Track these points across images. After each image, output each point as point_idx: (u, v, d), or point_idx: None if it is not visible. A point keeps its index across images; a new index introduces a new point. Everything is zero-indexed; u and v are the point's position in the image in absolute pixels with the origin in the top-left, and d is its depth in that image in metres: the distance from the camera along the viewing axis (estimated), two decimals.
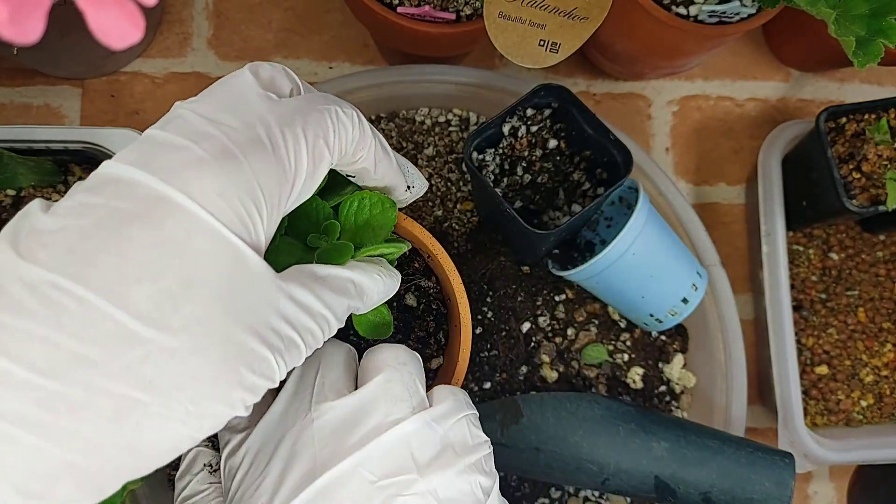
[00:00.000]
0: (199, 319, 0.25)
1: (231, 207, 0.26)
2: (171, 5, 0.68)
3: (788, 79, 0.73)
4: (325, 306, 0.30)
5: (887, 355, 0.67)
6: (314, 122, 0.30)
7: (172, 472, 0.57)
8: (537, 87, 0.52)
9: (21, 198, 0.55)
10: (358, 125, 0.32)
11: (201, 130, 0.27)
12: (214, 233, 0.26)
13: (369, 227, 0.36)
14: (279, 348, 0.28)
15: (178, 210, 0.26)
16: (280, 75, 0.33)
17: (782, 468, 0.51)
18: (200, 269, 0.26)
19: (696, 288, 0.57)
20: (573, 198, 0.57)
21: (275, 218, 0.28)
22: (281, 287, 0.28)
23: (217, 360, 0.26)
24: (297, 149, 0.29)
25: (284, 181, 0.28)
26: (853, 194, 0.59)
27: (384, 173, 0.36)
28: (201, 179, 0.26)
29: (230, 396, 0.27)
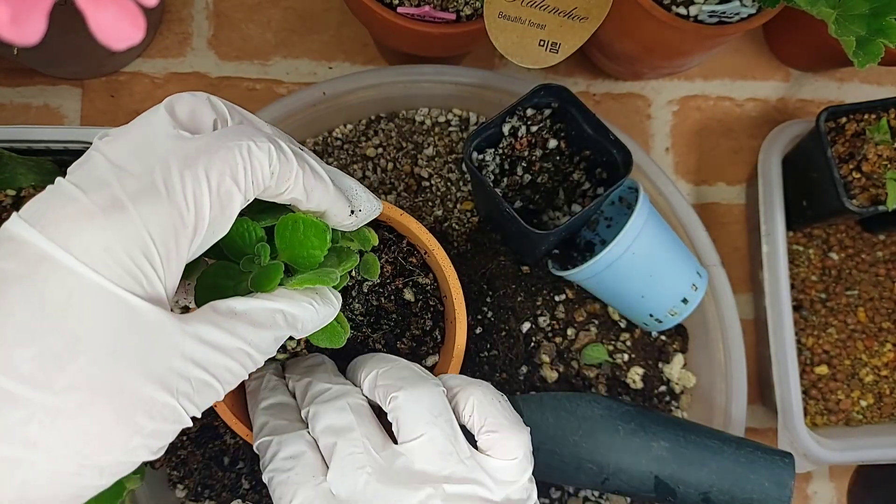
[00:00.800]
0: (87, 376, 0.26)
1: (117, 262, 0.26)
2: (170, 5, 0.68)
3: (788, 79, 0.73)
4: (243, 342, 0.30)
5: (887, 355, 0.67)
6: (220, 160, 0.29)
7: (172, 472, 0.57)
8: (537, 87, 0.52)
9: (21, 198, 0.55)
10: (276, 158, 0.31)
11: (100, 178, 0.28)
12: (100, 289, 0.26)
13: (304, 250, 0.35)
14: (185, 392, 0.28)
15: (61, 269, 0.26)
16: (202, 107, 0.32)
17: (782, 468, 0.51)
18: (87, 328, 0.26)
19: (696, 288, 0.57)
20: (573, 198, 0.57)
21: (175, 265, 0.28)
22: (185, 330, 0.28)
23: (108, 413, 0.26)
24: (198, 192, 0.28)
25: (182, 227, 0.28)
26: (853, 194, 0.59)
27: (319, 201, 0.35)
28: (86, 235, 0.26)
29: (127, 445, 0.27)
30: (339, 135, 0.64)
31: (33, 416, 0.25)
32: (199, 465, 0.57)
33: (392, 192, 0.62)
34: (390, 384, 0.39)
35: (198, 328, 0.29)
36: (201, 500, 0.57)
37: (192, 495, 0.57)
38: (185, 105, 0.32)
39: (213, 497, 0.57)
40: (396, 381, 0.39)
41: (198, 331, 0.29)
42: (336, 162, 0.63)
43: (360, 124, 0.64)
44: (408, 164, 0.63)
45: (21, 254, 0.26)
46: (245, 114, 0.35)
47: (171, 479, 0.57)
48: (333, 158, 0.63)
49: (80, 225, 0.26)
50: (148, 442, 0.28)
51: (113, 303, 0.26)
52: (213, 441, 0.57)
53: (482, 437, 0.39)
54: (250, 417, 0.42)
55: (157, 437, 0.28)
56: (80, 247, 0.26)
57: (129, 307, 0.27)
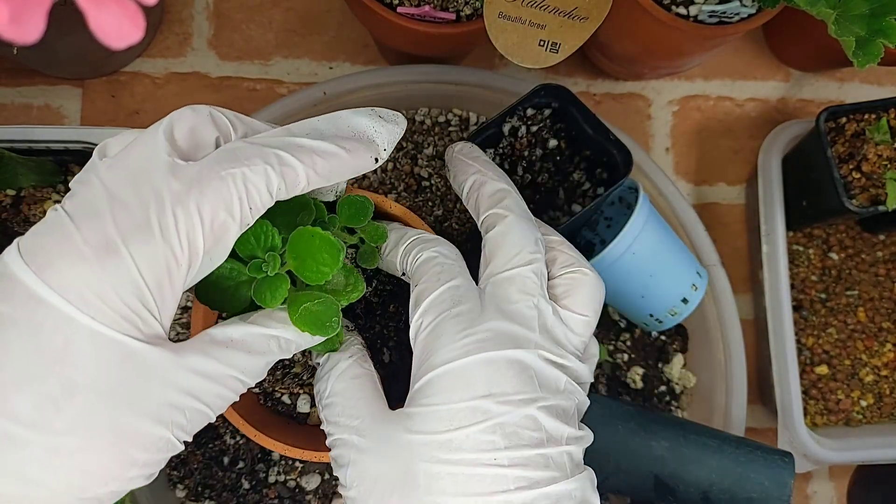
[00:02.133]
0: (84, 418, 0.27)
1: (112, 307, 0.27)
2: (171, 5, 0.68)
3: (788, 79, 0.73)
4: (235, 369, 0.31)
5: (887, 355, 0.67)
6: (213, 193, 0.29)
7: (172, 472, 0.57)
8: (537, 87, 0.52)
9: (21, 198, 0.55)
10: (276, 175, 0.31)
11: (96, 209, 0.28)
12: (96, 334, 0.27)
13: (315, 265, 0.34)
14: (179, 423, 0.29)
15: (57, 314, 0.26)
16: (203, 124, 0.31)
17: (782, 467, 0.51)
18: (83, 372, 0.26)
19: (696, 288, 0.57)
20: (573, 198, 0.57)
21: (170, 300, 0.29)
22: (179, 364, 0.29)
23: (105, 451, 0.27)
24: (191, 229, 0.28)
25: (175, 265, 0.28)
26: (853, 194, 0.59)
27: (341, 174, 0.34)
28: (80, 280, 0.27)
29: (124, 476, 0.28)
30: None
31: (32, 457, 0.26)
32: (199, 465, 0.57)
33: (392, 192, 0.62)
34: (574, 259, 0.40)
35: (192, 360, 0.29)
36: (201, 500, 0.57)
37: (192, 495, 0.57)
38: (185, 123, 0.31)
39: (213, 497, 0.57)
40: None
41: (192, 362, 0.29)
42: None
43: None
44: (408, 164, 0.63)
45: (17, 296, 0.27)
46: (250, 122, 0.34)
47: (171, 479, 0.58)
48: None
49: (75, 269, 0.27)
50: (143, 471, 0.29)
51: (109, 346, 0.27)
52: (213, 441, 0.57)
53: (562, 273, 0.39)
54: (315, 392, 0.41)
55: (151, 467, 0.30)
56: (75, 292, 0.26)
57: (125, 349, 0.27)
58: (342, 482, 0.35)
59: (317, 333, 0.34)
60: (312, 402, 0.49)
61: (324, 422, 0.37)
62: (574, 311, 0.37)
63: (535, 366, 0.34)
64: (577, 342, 0.37)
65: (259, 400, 0.48)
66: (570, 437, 0.34)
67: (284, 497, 0.57)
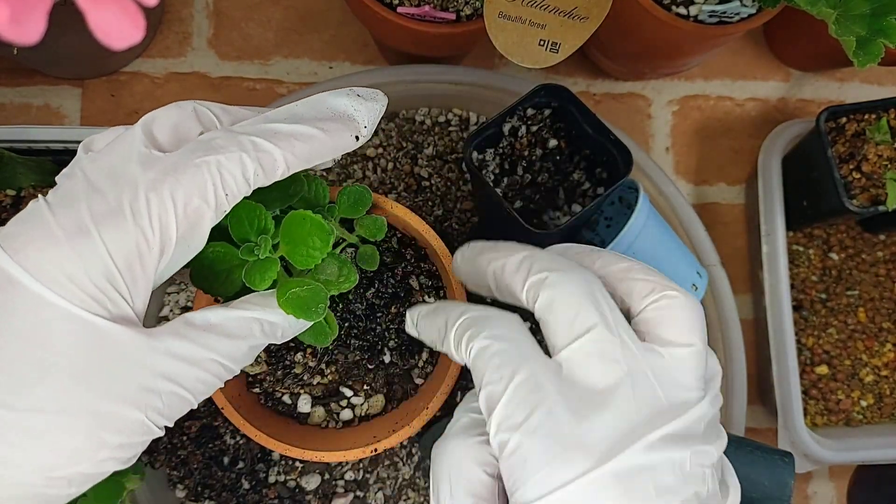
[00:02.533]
0: (54, 398, 0.27)
1: (82, 288, 0.27)
2: (170, 4, 0.68)
3: (788, 79, 0.73)
4: (216, 353, 0.31)
5: (887, 355, 0.67)
6: (187, 180, 0.29)
7: (172, 472, 0.57)
8: (537, 86, 0.52)
9: (21, 197, 0.55)
10: (252, 162, 0.31)
11: (74, 198, 0.29)
12: (66, 314, 0.27)
13: (304, 249, 0.35)
14: (154, 406, 0.29)
15: (28, 295, 0.27)
16: (186, 120, 0.32)
17: (782, 468, 0.51)
18: (53, 351, 0.27)
19: (696, 288, 0.57)
20: (573, 198, 0.57)
21: (142, 285, 0.29)
22: (153, 347, 0.29)
23: (75, 431, 0.27)
24: (163, 213, 0.29)
25: (147, 249, 0.29)
26: (853, 194, 0.59)
27: (322, 155, 0.34)
28: (52, 261, 0.27)
29: (95, 458, 0.28)
30: None
31: (1, 435, 0.26)
32: (199, 465, 0.57)
33: (392, 192, 0.62)
34: (661, 282, 0.33)
35: (167, 342, 0.29)
36: (201, 500, 0.57)
37: (192, 495, 0.57)
38: (165, 121, 0.32)
39: (213, 497, 0.57)
40: (665, 280, 0.34)
41: (167, 345, 0.29)
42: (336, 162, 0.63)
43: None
44: (408, 164, 0.63)
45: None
46: (236, 112, 0.34)
47: (171, 479, 0.57)
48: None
49: (47, 252, 0.27)
50: (116, 454, 0.29)
51: (79, 326, 0.27)
52: (213, 441, 0.57)
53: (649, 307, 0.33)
54: (438, 323, 0.37)
55: (126, 450, 0.29)
56: (46, 273, 0.27)
57: (95, 329, 0.28)
58: None
59: (301, 317, 0.34)
60: (313, 402, 0.49)
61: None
62: (675, 342, 0.32)
63: (655, 462, 0.29)
64: (693, 383, 0.32)
65: (259, 400, 0.48)
66: None
67: (284, 497, 0.57)
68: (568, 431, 0.29)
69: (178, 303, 0.61)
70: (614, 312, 0.32)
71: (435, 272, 0.49)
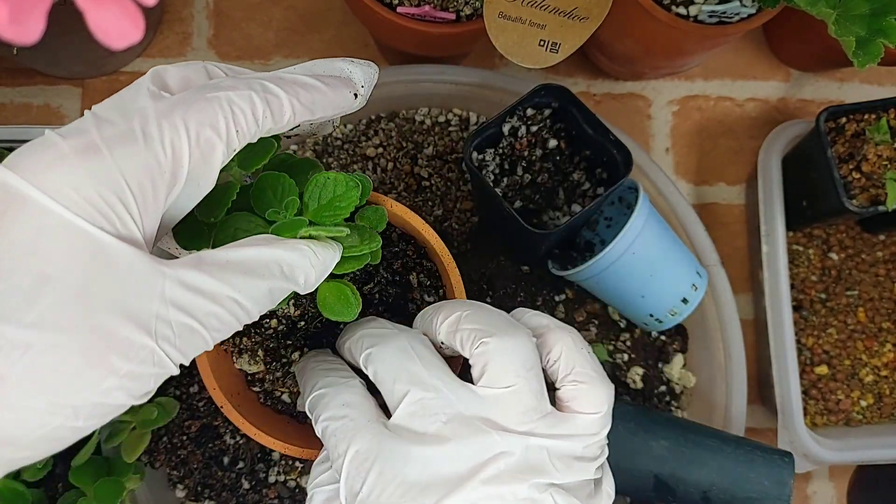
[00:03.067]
0: (57, 313, 0.25)
1: (88, 200, 0.26)
2: (171, 4, 0.68)
3: (788, 79, 0.73)
4: (233, 289, 0.29)
5: (887, 355, 0.67)
6: (198, 110, 0.29)
7: (172, 472, 0.57)
8: (537, 87, 0.52)
9: None
10: (261, 101, 0.31)
11: (81, 128, 0.28)
12: (69, 225, 0.26)
13: (331, 208, 0.36)
14: (165, 335, 0.28)
15: (31, 206, 0.26)
16: (197, 75, 0.33)
17: (781, 467, 0.51)
18: (55, 264, 0.26)
19: (695, 288, 0.57)
20: (573, 198, 0.57)
21: (152, 209, 0.28)
22: (164, 273, 0.28)
23: (79, 351, 0.26)
24: (176, 138, 0.28)
25: (158, 172, 0.28)
26: (853, 194, 0.59)
27: (325, 108, 0.35)
28: (58, 174, 0.26)
29: (101, 385, 0.27)
30: (339, 134, 0.64)
31: (0, 350, 0.25)
32: (199, 465, 0.57)
33: (392, 192, 0.62)
34: (480, 329, 0.36)
35: (180, 272, 0.28)
36: (201, 500, 0.57)
37: (192, 495, 0.57)
38: (175, 73, 0.32)
39: (213, 497, 0.57)
40: (487, 325, 0.36)
41: (180, 274, 0.28)
42: (336, 162, 0.63)
43: (360, 124, 0.64)
44: (408, 164, 0.63)
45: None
46: (244, 72, 0.35)
47: (171, 479, 0.58)
48: (333, 158, 0.63)
49: (54, 165, 0.26)
50: (125, 384, 0.27)
51: (83, 239, 0.26)
52: (213, 441, 0.57)
53: (567, 385, 0.37)
54: (301, 387, 0.41)
55: (135, 380, 0.27)
56: (51, 184, 0.26)
57: (99, 244, 0.26)
58: None
59: (326, 232, 0.34)
60: None
61: None
62: (494, 384, 0.35)
63: (486, 497, 0.33)
64: (517, 418, 0.35)
65: (259, 399, 0.48)
66: None
67: (284, 497, 0.57)
68: (400, 487, 0.33)
69: None
70: (431, 368, 0.36)
71: (434, 271, 0.49)
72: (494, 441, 0.33)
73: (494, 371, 0.35)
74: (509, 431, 0.34)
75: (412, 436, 0.34)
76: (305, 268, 0.33)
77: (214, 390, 0.43)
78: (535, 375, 0.36)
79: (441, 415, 0.34)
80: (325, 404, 0.37)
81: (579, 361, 0.37)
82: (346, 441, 0.35)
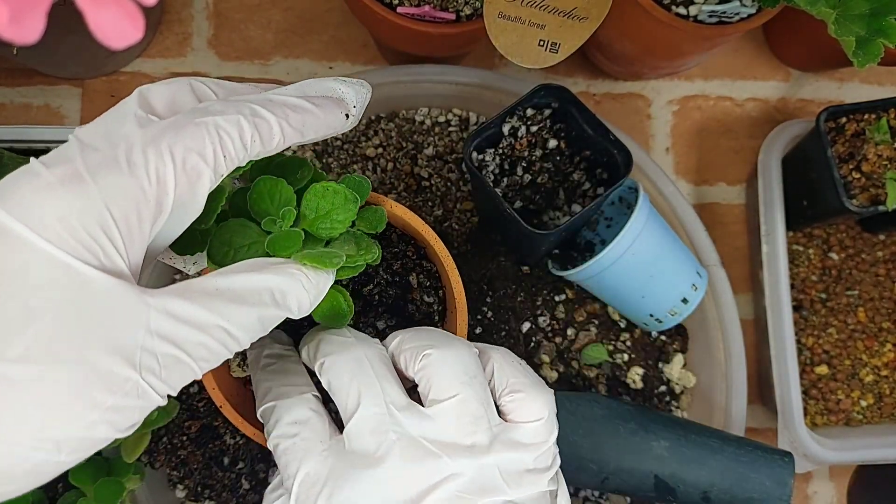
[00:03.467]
0: (41, 346, 0.25)
1: (72, 233, 0.26)
2: (170, 5, 0.68)
3: (788, 79, 0.73)
4: (221, 317, 0.29)
5: (887, 355, 0.67)
6: (185, 137, 0.29)
7: (172, 472, 0.57)
8: (537, 87, 0.52)
9: None
10: (249, 126, 0.31)
11: (66, 155, 0.28)
12: (53, 259, 0.26)
13: (328, 219, 0.35)
14: (150, 367, 0.27)
15: (16, 239, 0.26)
16: (182, 94, 0.32)
17: (782, 467, 0.51)
18: (41, 298, 0.26)
19: (696, 288, 0.57)
20: (573, 198, 0.57)
21: (137, 240, 0.28)
22: (149, 303, 0.28)
23: (64, 384, 0.26)
24: (161, 166, 0.28)
25: (143, 201, 0.28)
26: (853, 194, 0.59)
27: (315, 130, 0.34)
28: (42, 207, 0.26)
29: (85, 419, 0.26)
30: (339, 135, 0.64)
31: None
32: (199, 465, 0.57)
33: (392, 192, 0.62)
34: (421, 344, 0.37)
35: (166, 301, 0.28)
36: (201, 500, 0.57)
37: (192, 495, 0.57)
38: (161, 93, 0.32)
39: (213, 497, 0.57)
40: (428, 341, 0.37)
41: (166, 304, 0.28)
42: (336, 162, 0.63)
43: (360, 124, 0.64)
44: (408, 164, 0.63)
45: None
46: (231, 87, 0.34)
47: (171, 479, 0.58)
48: (333, 158, 0.63)
49: (38, 196, 0.26)
50: (109, 417, 0.27)
51: (67, 273, 0.26)
52: (213, 441, 0.57)
53: (504, 398, 0.37)
54: (253, 383, 0.40)
55: (119, 413, 0.27)
56: (36, 217, 0.26)
57: (83, 278, 0.26)
58: None
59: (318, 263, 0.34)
60: None
61: None
62: (438, 398, 0.35)
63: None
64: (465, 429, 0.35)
65: None
66: None
67: None
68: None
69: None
70: (384, 383, 0.35)
71: (434, 272, 0.49)
72: (444, 463, 0.33)
73: (438, 383, 0.35)
74: (459, 453, 0.34)
75: (362, 458, 0.34)
76: (298, 293, 0.33)
77: (214, 390, 0.43)
78: (480, 384, 0.36)
79: (391, 433, 0.34)
80: (277, 420, 0.36)
81: (512, 373, 0.37)
82: (296, 462, 0.34)
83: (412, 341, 0.37)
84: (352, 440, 0.34)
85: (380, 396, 0.35)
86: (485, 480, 0.34)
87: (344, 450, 0.34)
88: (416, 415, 0.35)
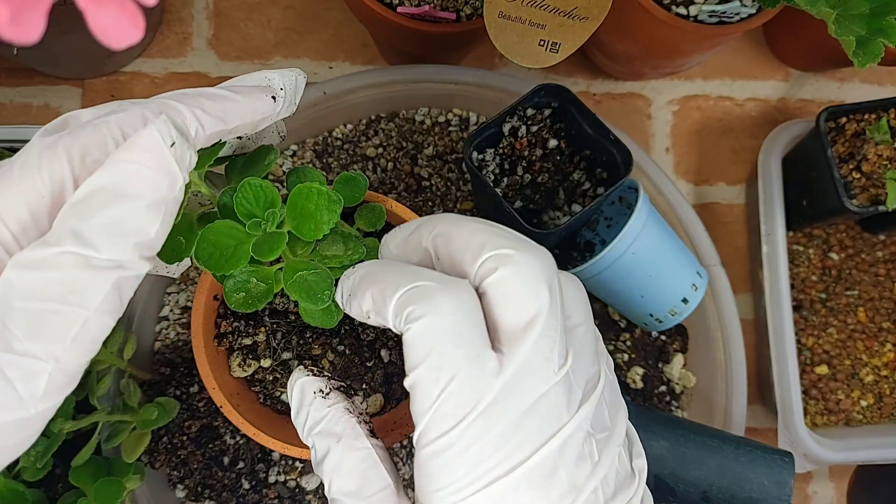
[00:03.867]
0: None
1: None
2: (170, 5, 0.68)
3: (788, 79, 0.73)
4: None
5: (887, 355, 0.67)
6: (84, 136, 0.30)
7: (172, 472, 0.57)
8: (537, 87, 0.52)
9: None
10: (154, 117, 0.31)
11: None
12: None
13: (312, 222, 0.35)
14: None
15: None
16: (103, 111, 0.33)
17: (782, 467, 0.51)
18: None
19: (696, 288, 0.57)
20: (573, 198, 0.57)
21: (35, 237, 0.29)
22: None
23: None
24: (57, 166, 0.29)
25: (36, 199, 0.29)
26: (853, 194, 0.59)
27: (241, 116, 0.34)
28: None
29: None
30: (340, 135, 0.64)
31: None
32: (199, 466, 0.57)
33: (392, 192, 0.62)
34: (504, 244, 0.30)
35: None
36: (201, 500, 0.57)
37: (192, 495, 0.57)
38: (87, 114, 0.33)
39: (213, 497, 0.57)
40: (510, 240, 0.30)
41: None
42: (336, 162, 0.63)
43: (361, 124, 0.64)
44: (408, 164, 0.63)
45: None
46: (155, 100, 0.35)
47: (171, 479, 0.57)
48: (334, 158, 0.63)
49: None
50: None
51: None
52: (213, 441, 0.57)
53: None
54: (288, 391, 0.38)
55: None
56: None
57: None
58: None
59: (308, 302, 0.34)
60: None
61: None
62: (573, 320, 0.32)
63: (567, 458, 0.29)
64: (592, 359, 0.32)
65: (259, 399, 0.48)
66: None
67: (284, 497, 0.57)
68: (492, 441, 0.28)
69: (178, 303, 0.61)
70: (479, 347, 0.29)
71: None
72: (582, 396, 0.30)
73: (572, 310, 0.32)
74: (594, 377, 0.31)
75: (525, 381, 0.29)
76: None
77: (214, 390, 0.43)
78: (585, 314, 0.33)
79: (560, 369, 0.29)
80: (331, 468, 0.33)
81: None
82: (449, 369, 0.28)
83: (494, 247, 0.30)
84: (516, 365, 0.29)
85: (558, 315, 0.29)
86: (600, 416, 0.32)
87: (504, 373, 0.28)
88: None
